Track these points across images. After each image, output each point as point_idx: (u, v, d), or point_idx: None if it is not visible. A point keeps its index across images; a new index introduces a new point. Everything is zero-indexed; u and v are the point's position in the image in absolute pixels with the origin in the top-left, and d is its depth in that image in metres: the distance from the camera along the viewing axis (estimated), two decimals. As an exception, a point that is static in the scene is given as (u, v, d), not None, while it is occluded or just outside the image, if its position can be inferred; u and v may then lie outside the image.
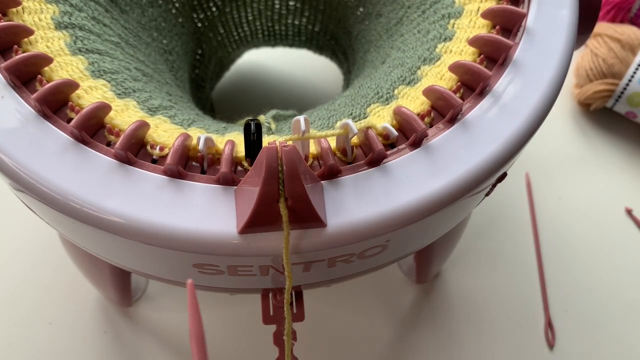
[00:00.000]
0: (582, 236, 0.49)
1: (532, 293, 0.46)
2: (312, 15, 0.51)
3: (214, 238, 0.23)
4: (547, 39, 0.29)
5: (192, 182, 0.24)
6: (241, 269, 0.25)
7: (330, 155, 0.24)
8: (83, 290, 0.44)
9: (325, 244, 0.24)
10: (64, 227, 0.26)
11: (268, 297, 0.28)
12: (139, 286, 0.45)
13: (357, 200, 0.24)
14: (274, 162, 0.21)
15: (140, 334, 0.44)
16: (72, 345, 0.43)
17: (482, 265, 0.48)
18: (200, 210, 0.24)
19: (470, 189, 0.25)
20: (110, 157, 0.25)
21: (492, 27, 0.30)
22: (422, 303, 0.46)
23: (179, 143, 0.24)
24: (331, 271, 0.27)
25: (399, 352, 0.43)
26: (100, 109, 0.25)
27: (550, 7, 0.30)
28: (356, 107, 0.31)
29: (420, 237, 0.28)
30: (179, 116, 0.30)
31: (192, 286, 0.19)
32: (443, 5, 0.33)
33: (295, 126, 0.24)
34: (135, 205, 0.23)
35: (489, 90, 0.28)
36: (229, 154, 0.24)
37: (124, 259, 0.28)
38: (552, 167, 0.53)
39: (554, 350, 0.44)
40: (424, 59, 0.31)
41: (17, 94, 0.26)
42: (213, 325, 0.44)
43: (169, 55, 0.42)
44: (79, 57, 0.28)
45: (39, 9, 0.29)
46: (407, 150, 0.26)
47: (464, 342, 0.44)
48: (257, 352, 0.42)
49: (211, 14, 0.49)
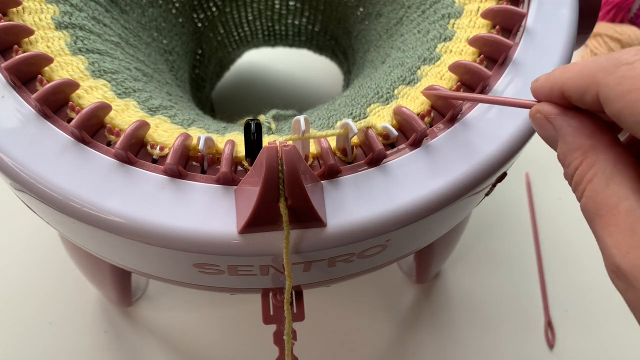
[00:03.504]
0: (582, 236, 0.49)
1: (532, 293, 0.46)
2: (312, 15, 0.51)
3: (214, 238, 0.23)
4: (547, 39, 0.29)
5: (192, 182, 0.24)
6: (241, 268, 0.25)
7: (330, 155, 0.24)
8: (83, 290, 0.44)
9: (325, 244, 0.24)
10: (65, 227, 0.26)
11: (268, 296, 0.28)
12: (139, 286, 0.45)
13: (357, 200, 0.24)
14: (274, 162, 0.21)
15: (140, 334, 0.44)
16: (72, 345, 0.43)
17: (482, 265, 0.48)
18: (200, 210, 0.24)
19: (470, 189, 0.25)
20: (111, 156, 0.25)
21: (492, 27, 0.30)
22: (422, 303, 0.46)
23: (179, 143, 0.24)
24: (331, 271, 0.27)
25: (399, 352, 0.43)
26: (100, 109, 0.25)
27: (550, 7, 0.30)
28: (356, 106, 0.31)
29: (420, 237, 0.28)
30: (179, 116, 0.30)
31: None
32: (443, 5, 0.33)
33: (295, 126, 0.24)
34: (135, 205, 0.23)
35: (489, 90, 0.28)
36: (229, 154, 0.24)
37: (124, 259, 0.28)
38: (552, 167, 0.52)
39: (554, 350, 0.44)
40: (424, 59, 0.31)
41: (17, 93, 0.26)
42: (213, 325, 0.44)
43: (169, 55, 0.42)
44: (79, 57, 0.28)
45: (39, 9, 0.29)
46: (407, 150, 0.26)
47: (464, 342, 0.44)
48: (257, 352, 0.42)
49: (211, 14, 0.49)
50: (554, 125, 0.20)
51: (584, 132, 0.19)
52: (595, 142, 0.19)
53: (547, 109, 0.20)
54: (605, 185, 0.18)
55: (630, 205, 0.17)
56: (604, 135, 0.19)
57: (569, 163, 0.19)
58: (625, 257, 0.17)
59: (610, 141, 0.19)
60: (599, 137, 0.19)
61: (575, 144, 0.19)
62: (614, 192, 0.18)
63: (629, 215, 0.17)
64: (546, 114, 0.20)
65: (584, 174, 0.19)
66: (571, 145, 0.19)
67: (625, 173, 0.18)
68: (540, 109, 0.20)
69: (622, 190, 0.18)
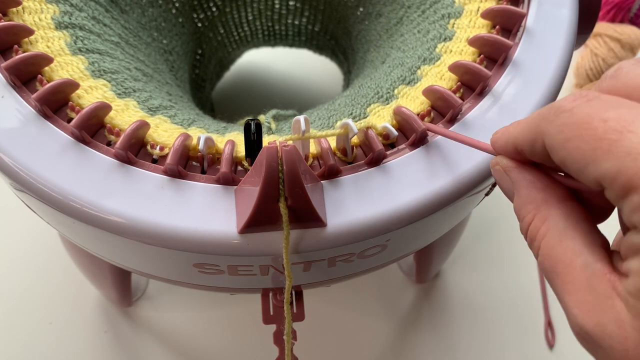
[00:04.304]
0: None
1: (532, 293, 0.46)
2: (312, 15, 0.51)
3: (214, 238, 0.23)
4: (547, 39, 0.29)
5: (192, 182, 0.24)
6: (241, 268, 0.25)
7: (331, 155, 0.24)
8: (83, 290, 0.44)
9: (325, 244, 0.24)
10: (65, 227, 0.26)
11: (268, 296, 0.28)
12: (139, 286, 0.45)
13: (357, 200, 0.24)
14: (274, 162, 0.21)
15: (140, 334, 0.44)
16: (72, 345, 0.43)
17: (482, 265, 0.48)
18: (200, 210, 0.24)
19: (470, 189, 0.25)
20: (111, 156, 0.25)
21: (492, 27, 0.30)
22: (422, 303, 0.46)
23: (179, 143, 0.25)
24: (331, 271, 0.27)
25: (399, 352, 0.43)
26: (100, 109, 0.25)
27: (550, 7, 0.30)
28: (356, 106, 0.31)
29: (420, 237, 0.28)
30: (179, 116, 0.30)
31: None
32: (443, 5, 0.33)
33: (295, 126, 0.24)
34: (135, 205, 0.23)
35: (488, 90, 0.28)
36: (229, 154, 0.24)
37: (124, 259, 0.28)
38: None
39: (554, 350, 0.44)
40: (424, 59, 0.31)
41: (17, 93, 0.26)
42: (213, 325, 0.44)
43: (169, 55, 0.42)
44: (79, 57, 0.28)
45: (39, 8, 0.29)
46: (407, 150, 0.26)
47: (464, 342, 0.44)
48: (257, 352, 0.42)
49: (211, 14, 0.49)
50: (510, 178, 0.20)
51: (537, 186, 0.19)
52: (548, 196, 0.19)
53: (504, 162, 0.20)
54: (558, 240, 0.18)
55: (585, 260, 0.17)
56: (557, 189, 0.19)
57: (522, 217, 0.19)
58: (587, 316, 0.16)
59: (563, 195, 0.19)
60: (551, 190, 0.19)
61: (529, 197, 0.19)
62: (568, 247, 0.17)
63: (584, 271, 0.17)
64: (504, 167, 0.20)
65: (537, 228, 0.18)
66: (525, 198, 0.19)
67: (579, 227, 0.18)
68: (499, 161, 0.20)
69: (576, 246, 0.17)
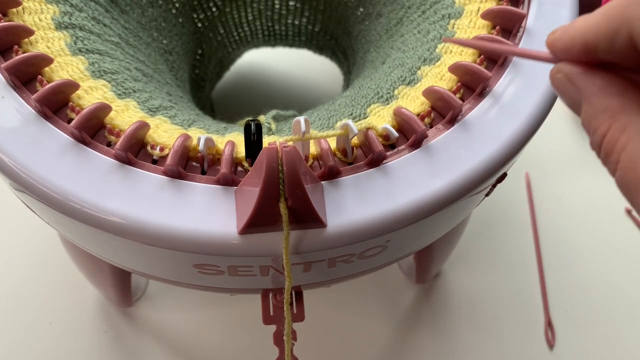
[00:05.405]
0: (582, 236, 0.49)
1: (532, 293, 0.46)
2: (312, 15, 0.51)
3: (214, 238, 0.23)
4: (547, 40, 0.29)
5: (192, 183, 0.24)
6: (241, 269, 0.25)
7: (331, 156, 0.24)
8: (83, 290, 0.44)
9: (325, 244, 0.24)
10: (64, 227, 0.26)
11: (268, 297, 0.28)
12: (139, 286, 0.45)
13: (357, 200, 0.24)
14: (274, 162, 0.21)
15: (140, 334, 0.44)
16: (72, 345, 0.43)
17: (482, 265, 0.48)
18: (200, 211, 0.24)
19: (470, 190, 0.25)
20: (111, 157, 0.25)
21: (492, 27, 0.30)
22: (422, 303, 0.46)
23: (179, 143, 0.25)
24: (331, 271, 0.27)
25: (399, 352, 0.43)
26: (100, 110, 0.25)
27: (550, 7, 0.30)
28: (356, 107, 0.31)
29: (420, 237, 0.28)
30: (179, 116, 0.30)
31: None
32: (443, 5, 0.33)
33: (295, 127, 0.24)
34: (135, 206, 0.23)
35: (489, 91, 0.28)
36: (229, 155, 0.24)
37: (124, 259, 0.28)
38: (552, 167, 0.53)
39: (554, 350, 0.44)
40: (424, 59, 0.31)
41: (17, 94, 0.26)
42: (213, 325, 0.44)
43: (169, 56, 0.42)
44: (79, 58, 0.28)
45: (39, 9, 0.29)
46: (407, 151, 0.26)
47: (464, 342, 0.44)
48: (257, 352, 0.42)
49: (211, 14, 0.49)
50: (577, 86, 0.17)
51: (611, 91, 0.16)
52: (625, 102, 0.16)
53: (567, 69, 0.17)
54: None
55: None
56: (636, 93, 0.16)
57: (595, 129, 0.16)
58: None
59: None
60: (630, 95, 0.16)
61: (602, 105, 0.16)
62: None
63: None
64: (567, 74, 0.17)
65: (615, 140, 0.16)
66: (597, 107, 0.16)
67: None
68: (562, 68, 0.17)
69: None
